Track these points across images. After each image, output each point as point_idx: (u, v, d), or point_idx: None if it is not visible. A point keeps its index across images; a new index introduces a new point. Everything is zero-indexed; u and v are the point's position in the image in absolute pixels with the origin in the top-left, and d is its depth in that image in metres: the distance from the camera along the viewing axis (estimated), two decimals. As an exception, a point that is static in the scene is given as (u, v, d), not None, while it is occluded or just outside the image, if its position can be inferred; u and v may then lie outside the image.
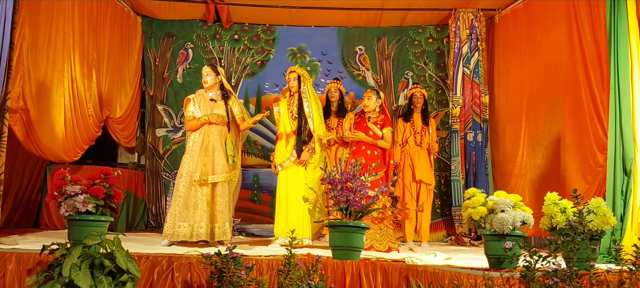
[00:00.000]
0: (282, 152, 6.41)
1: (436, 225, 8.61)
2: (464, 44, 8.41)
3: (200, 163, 5.88)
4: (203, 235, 5.78)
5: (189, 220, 5.78)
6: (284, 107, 6.51)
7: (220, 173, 5.92)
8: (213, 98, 6.13)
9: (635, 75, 5.43)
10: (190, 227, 5.77)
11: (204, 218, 5.81)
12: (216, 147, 5.96)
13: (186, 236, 5.75)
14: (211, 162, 5.91)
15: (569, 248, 4.18)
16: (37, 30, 6.28)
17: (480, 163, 8.22)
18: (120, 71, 8.41)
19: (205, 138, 5.97)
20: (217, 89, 6.20)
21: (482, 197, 4.62)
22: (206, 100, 6.12)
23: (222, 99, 6.17)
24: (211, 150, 5.94)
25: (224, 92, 6.21)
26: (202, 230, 5.78)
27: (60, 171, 4.45)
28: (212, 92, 6.17)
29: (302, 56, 9.19)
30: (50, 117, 6.62)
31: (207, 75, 6.17)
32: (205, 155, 5.91)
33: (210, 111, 6.04)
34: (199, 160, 5.88)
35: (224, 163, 5.95)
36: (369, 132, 6.88)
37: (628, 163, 5.40)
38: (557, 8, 7.12)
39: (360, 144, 6.89)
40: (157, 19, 9.06)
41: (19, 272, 4.05)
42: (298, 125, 6.37)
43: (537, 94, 7.54)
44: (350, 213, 4.59)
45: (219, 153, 5.95)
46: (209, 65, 6.28)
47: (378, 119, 6.95)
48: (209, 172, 5.88)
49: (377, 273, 4.25)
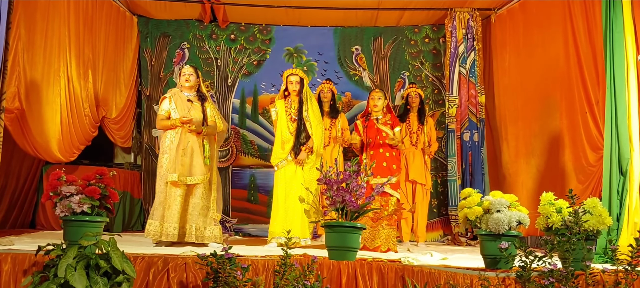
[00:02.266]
0: (279, 152, 6.41)
1: (433, 225, 8.62)
2: (460, 43, 8.42)
3: (178, 164, 5.86)
4: (171, 236, 5.77)
5: (160, 219, 5.82)
6: (282, 108, 6.49)
7: (198, 175, 5.92)
8: (190, 99, 6.11)
9: (630, 75, 5.43)
10: (160, 225, 5.79)
11: (174, 219, 5.80)
12: (195, 148, 5.93)
13: (156, 235, 5.78)
14: (189, 163, 5.90)
15: (564, 248, 4.18)
16: (32, 30, 6.26)
17: (476, 163, 8.23)
18: (116, 71, 8.39)
19: (183, 138, 5.93)
20: (195, 90, 6.19)
21: (477, 197, 4.62)
22: (183, 100, 6.08)
23: (199, 100, 6.16)
24: (189, 151, 5.92)
25: (200, 95, 6.20)
26: (171, 230, 5.78)
27: (56, 171, 4.44)
28: (189, 92, 6.16)
29: (298, 56, 9.18)
30: (46, 117, 6.61)
31: (190, 75, 6.15)
32: (183, 156, 5.89)
33: (187, 111, 6.00)
34: (176, 161, 5.87)
35: (202, 165, 5.94)
36: (383, 133, 6.75)
37: (624, 163, 5.40)
38: (552, 8, 7.13)
39: (377, 147, 6.73)
40: (153, 18, 9.05)
41: (15, 272, 4.04)
42: (297, 127, 6.38)
43: (533, 93, 7.55)
44: (346, 213, 4.59)
45: (197, 155, 5.93)
46: (191, 66, 6.26)
47: (386, 119, 6.85)
48: (186, 173, 5.88)
49: (373, 274, 4.25)
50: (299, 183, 6.25)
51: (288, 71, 6.54)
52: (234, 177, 8.95)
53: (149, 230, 5.84)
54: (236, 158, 8.96)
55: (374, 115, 6.88)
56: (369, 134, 6.81)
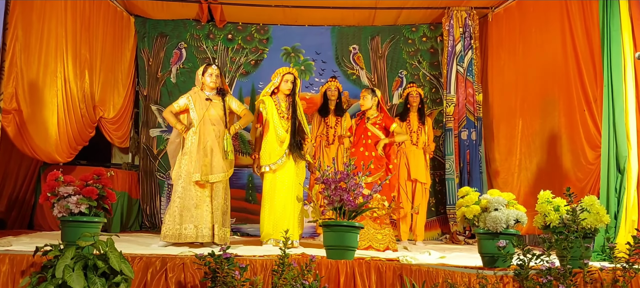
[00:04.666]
0: (273, 152, 6.31)
1: (431, 224, 8.61)
2: (457, 42, 8.42)
3: (199, 164, 5.87)
4: (207, 237, 5.82)
5: (194, 221, 5.82)
6: (272, 106, 6.38)
7: (219, 173, 5.93)
8: (209, 97, 6.11)
9: (628, 73, 5.44)
10: (196, 227, 5.81)
11: (208, 219, 5.85)
12: (214, 147, 5.94)
13: (192, 237, 5.79)
14: (210, 162, 5.92)
15: (562, 246, 4.19)
16: (29, 31, 6.25)
17: (474, 161, 8.23)
18: (113, 71, 8.38)
19: (202, 138, 5.96)
20: (216, 90, 6.19)
21: (475, 195, 4.63)
22: (202, 99, 6.08)
23: (218, 95, 6.16)
24: (209, 151, 5.93)
25: (220, 90, 6.19)
26: (206, 231, 5.82)
27: (54, 172, 4.43)
28: (209, 91, 6.15)
29: (296, 55, 9.18)
30: (44, 117, 6.60)
31: (216, 76, 6.14)
32: (204, 156, 5.91)
33: (206, 110, 6.02)
34: (197, 161, 5.88)
35: (222, 163, 5.95)
36: (368, 133, 6.66)
37: (622, 161, 5.41)
38: (550, 6, 7.13)
39: (359, 145, 6.66)
40: (150, 18, 9.03)
41: (12, 273, 4.04)
42: (292, 125, 6.33)
43: (530, 92, 7.55)
44: (344, 212, 4.59)
45: (216, 153, 5.94)
46: (217, 66, 6.24)
47: (377, 119, 6.74)
48: (208, 172, 5.90)
49: (371, 273, 4.25)
50: (295, 183, 6.24)
51: (284, 69, 6.46)
52: (232, 177, 8.80)
53: (183, 233, 5.80)
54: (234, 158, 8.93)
55: (366, 114, 6.82)
56: (356, 131, 6.78)
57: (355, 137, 6.74)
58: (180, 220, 5.82)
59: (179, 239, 5.77)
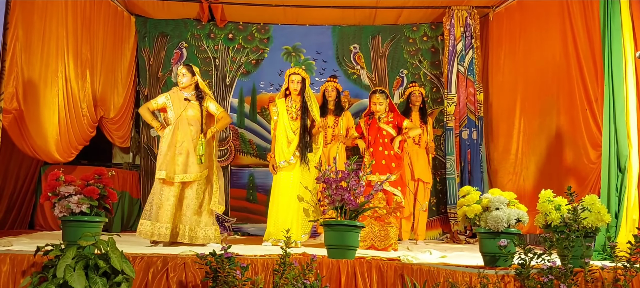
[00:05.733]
0: (282, 152, 6.40)
1: (432, 223, 8.61)
2: (458, 41, 8.41)
3: (168, 162, 5.88)
4: (163, 236, 5.77)
5: (153, 218, 5.84)
6: (283, 108, 6.49)
7: (192, 173, 5.93)
8: (187, 98, 6.12)
9: (628, 72, 5.43)
10: (152, 225, 5.81)
11: (166, 218, 5.81)
12: (190, 148, 5.94)
13: (147, 235, 5.80)
14: (184, 161, 5.92)
15: (563, 245, 4.19)
16: (30, 30, 6.25)
17: (475, 161, 8.22)
18: (114, 71, 8.39)
19: (178, 137, 5.97)
20: (193, 89, 6.19)
21: (476, 195, 4.63)
22: (180, 99, 6.12)
23: (197, 99, 6.16)
24: (184, 150, 5.94)
25: (199, 93, 6.19)
26: (163, 230, 5.78)
27: (54, 172, 4.43)
28: (188, 92, 6.16)
29: (296, 55, 9.18)
30: (45, 117, 6.60)
31: (183, 76, 6.16)
32: (178, 155, 5.92)
33: (183, 110, 6.02)
34: (167, 158, 5.89)
35: (196, 164, 5.94)
36: (383, 132, 6.80)
37: (622, 160, 5.41)
38: (550, 5, 7.13)
39: (377, 145, 6.77)
40: (150, 18, 9.03)
41: (13, 273, 4.04)
42: (301, 126, 6.38)
43: (531, 91, 7.55)
44: (345, 212, 4.59)
45: (192, 154, 5.94)
46: (184, 66, 6.26)
47: (389, 117, 6.87)
48: (180, 171, 5.89)
49: (373, 272, 4.25)
50: (298, 184, 6.25)
51: (290, 70, 6.57)
52: (233, 177, 8.95)
53: (140, 230, 5.87)
54: (235, 158, 8.95)
55: (376, 115, 6.89)
56: (371, 132, 6.85)
57: (371, 137, 6.78)
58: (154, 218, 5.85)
59: (152, 237, 5.79)
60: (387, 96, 6.95)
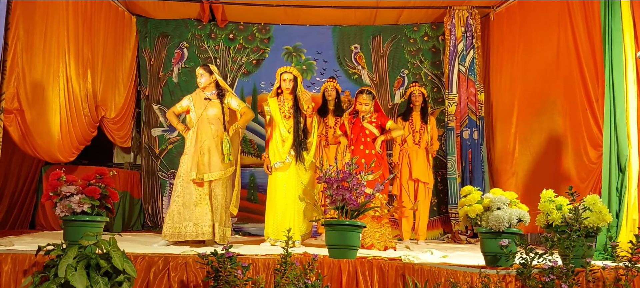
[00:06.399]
0: (277, 152, 6.38)
1: (433, 223, 8.61)
2: (459, 41, 8.41)
3: (196, 163, 5.92)
4: (207, 235, 5.85)
5: (193, 219, 5.86)
6: (275, 107, 6.46)
7: (216, 171, 5.96)
8: (208, 97, 6.17)
9: (629, 73, 5.44)
10: (195, 225, 5.85)
11: (208, 217, 5.88)
12: (211, 146, 5.99)
13: (192, 235, 5.83)
14: (207, 161, 5.95)
15: (565, 245, 4.18)
16: (31, 30, 6.25)
17: (476, 161, 8.22)
18: (115, 71, 8.39)
19: (199, 137, 6.03)
20: (213, 88, 6.24)
21: (478, 194, 4.62)
22: (201, 99, 6.18)
23: (218, 97, 6.19)
24: (206, 150, 5.99)
25: (219, 91, 6.22)
26: (206, 229, 5.86)
27: (56, 171, 4.43)
28: (208, 91, 6.20)
29: (297, 55, 9.18)
30: (46, 117, 6.60)
31: (201, 76, 6.24)
32: (201, 155, 5.97)
33: (203, 110, 6.06)
34: (195, 160, 5.93)
35: (219, 162, 5.97)
36: (366, 131, 6.73)
37: (623, 160, 5.41)
38: (551, 6, 7.13)
39: (358, 144, 6.70)
40: (151, 18, 9.04)
41: (15, 273, 4.04)
42: (294, 125, 6.36)
43: (531, 91, 7.55)
44: (346, 212, 4.59)
45: (214, 152, 5.97)
46: (201, 66, 6.33)
47: (372, 117, 6.78)
48: (204, 170, 5.93)
49: (374, 272, 4.24)
50: (296, 184, 6.24)
51: (281, 69, 6.53)
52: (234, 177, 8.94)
53: (183, 232, 5.87)
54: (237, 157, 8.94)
55: (361, 114, 6.82)
56: (353, 130, 6.79)
57: (354, 135, 6.75)
58: (180, 219, 5.87)
59: (178, 238, 5.81)
60: (374, 97, 6.87)
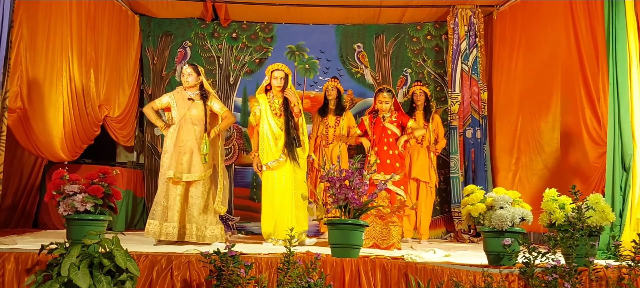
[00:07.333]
0: (269, 151, 6.32)
1: (435, 222, 8.59)
2: (462, 40, 8.40)
3: (175, 162, 5.91)
4: (171, 236, 5.82)
5: (160, 218, 5.89)
6: (265, 104, 6.40)
7: (196, 172, 5.94)
8: (191, 97, 6.13)
9: (633, 72, 5.43)
10: (160, 224, 5.85)
11: (175, 218, 5.85)
12: (194, 148, 5.97)
13: (155, 235, 5.84)
14: (188, 160, 5.94)
15: (568, 244, 4.18)
16: (35, 29, 6.26)
17: (479, 160, 8.21)
18: (118, 70, 8.39)
19: (181, 136, 6.00)
20: (197, 88, 6.20)
21: (480, 193, 4.62)
22: (184, 99, 6.13)
23: (201, 98, 6.17)
24: (188, 150, 5.96)
25: (203, 92, 6.20)
26: (171, 230, 5.83)
27: (59, 170, 4.44)
28: (191, 91, 6.18)
29: (300, 54, 9.18)
30: (49, 116, 6.61)
31: (188, 75, 6.17)
32: (182, 154, 5.95)
33: (187, 110, 6.04)
34: (174, 158, 5.92)
35: (200, 163, 5.96)
36: (388, 132, 6.73)
37: (627, 159, 5.41)
38: (554, 4, 7.12)
39: (382, 144, 6.68)
40: (155, 17, 9.04)
41: (18, 271, 4.05)
42: (285, 122, 6.33)
43: (535, 90, 7.54)
44: (349, 211, 4.59)
45: (196, 154, 5.96)
46: (190, 65, 6.27)
47: (393, 117, 6.80)
48: (184, 170, 5.92)
49: (376, 271, 4.25)
50: (293, 181, 6.23)
51: (272, 66, 6.50)
52: (237, 176, 8.96)
53: (148, 230, 5.91)
54: (238, 157, 8.96)
55: (380, 113, 6.83)
56: (375, 131, 6.77)
57: (376, 136, 6.72)
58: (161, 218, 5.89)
59: (160, 237, 5.83)
60: (393, 95, 6.87)
